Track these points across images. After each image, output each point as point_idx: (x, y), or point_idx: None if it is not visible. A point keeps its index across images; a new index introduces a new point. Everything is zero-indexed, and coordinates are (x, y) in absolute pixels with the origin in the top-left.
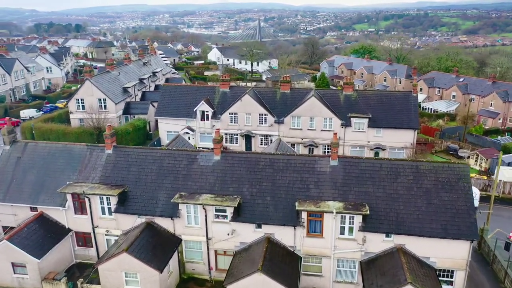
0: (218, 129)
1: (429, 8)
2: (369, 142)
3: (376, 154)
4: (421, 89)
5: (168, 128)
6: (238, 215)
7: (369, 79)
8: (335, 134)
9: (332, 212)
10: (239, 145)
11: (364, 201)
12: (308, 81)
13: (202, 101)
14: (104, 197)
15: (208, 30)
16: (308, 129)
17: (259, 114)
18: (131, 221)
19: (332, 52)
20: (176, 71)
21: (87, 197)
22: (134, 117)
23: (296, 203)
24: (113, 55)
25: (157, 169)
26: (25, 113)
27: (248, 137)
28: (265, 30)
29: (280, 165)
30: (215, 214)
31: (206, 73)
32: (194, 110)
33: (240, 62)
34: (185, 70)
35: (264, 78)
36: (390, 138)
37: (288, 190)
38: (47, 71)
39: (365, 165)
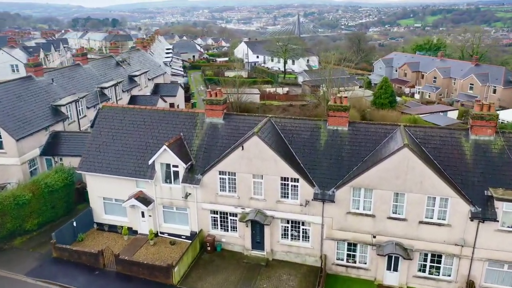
0: None
1: (480, 3)
2: None
3: None
4: None
5: (105, 192)
6: None
7: (445, 85)
8: None
9: None
10: (240, 236)
11: None
12: (360, 86)
13: (165, 146)
14: None
15: (247, 25)
16: (390, 218)
17: (283, 180)
18: None
19: (376, 49)
20: (183, 72)
21: None
22: (61, 160)
23: None
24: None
25: None
26: None
27: (257, 225)
28: (304, 25)
29: None
30: None
31: (227, 73)
32: (150, 162)
33: (272, 60)
34: (202, 69)
35: (300, 81)
36: None
37: None
38: (13, 70)
39: None
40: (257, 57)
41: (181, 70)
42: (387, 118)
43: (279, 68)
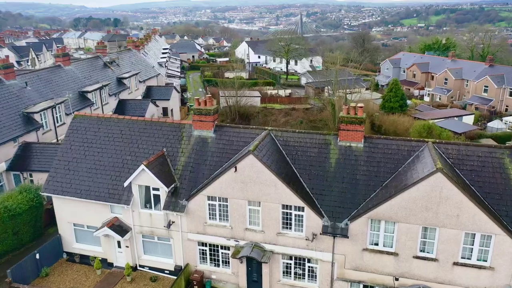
0: None
1: (484, 2)
2: None
3: None
4: None
5: (75, 217)
6: None
7: (457, 87)
8: None
9: None
10: (233, 273)
11: None
12: (367, 89)
13: (142, 166)
14: None
15: (249, 25)
16: (417, 257)
17: (284, 208)
18: None
19: (380, 49)
20: (179, 73)
21: None
22: (31, 176)
23: None
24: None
25: None
26: None
27: (254, 261)
28: (307, 25)
29: None
30: None
31: (227, 74)
32: (126, 184)
33: (274, 60)
34: (201, 70)
35: (303, 82)
36: None
37: None
38: None
39: None
40: (259, 57)
41: (177, 71)
42: (398, 123)
43: (281, 69)
